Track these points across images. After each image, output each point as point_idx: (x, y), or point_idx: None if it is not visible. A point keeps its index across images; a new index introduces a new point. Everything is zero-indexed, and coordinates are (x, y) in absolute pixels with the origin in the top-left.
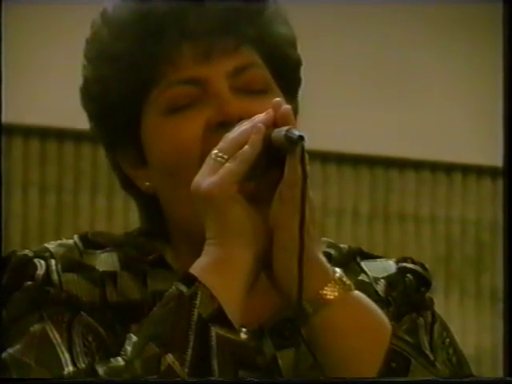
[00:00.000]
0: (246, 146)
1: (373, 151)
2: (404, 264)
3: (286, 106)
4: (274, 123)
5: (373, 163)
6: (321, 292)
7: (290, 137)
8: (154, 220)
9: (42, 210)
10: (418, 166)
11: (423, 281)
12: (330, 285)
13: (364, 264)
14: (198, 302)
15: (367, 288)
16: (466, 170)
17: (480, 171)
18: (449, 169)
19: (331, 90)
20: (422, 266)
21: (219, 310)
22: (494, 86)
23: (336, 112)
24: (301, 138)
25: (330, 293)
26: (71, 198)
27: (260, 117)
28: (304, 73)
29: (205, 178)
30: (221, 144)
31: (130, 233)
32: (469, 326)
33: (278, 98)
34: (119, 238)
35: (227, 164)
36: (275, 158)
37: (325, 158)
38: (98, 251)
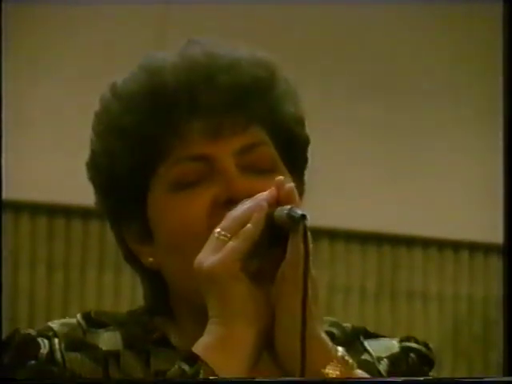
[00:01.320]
0: (249, 225)
1: (380, 229)
2: (407, 343)
3: (289, 185)
4: (277, 201)
5: (380, 240)
6: (323, 371)
7: (293, 215)
8: (158, 296)
9: (49, 286)
10: (425, 243)
11: (426, 360)
12: (332, 363)
13: (367, 343)
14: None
15: (370, 367)
16: (472, 247)
17: (487, 249)
18: (456, 246)
19: (339, 168)
20: (426, 345)
21: None
22: (499, 164)
23: (344, 190)
24: (303, 216)
25: (332, 372)
26: (78, 275)
27: (263, 195)
28: (313, 150)
29: (208, 256)
30: (223, 222)
31: (134, 311)
32: None
33: (280, 177)
34: (122, 317)
35: (230, 242)
36: (278, 236)
37: (333, 235)
38: (101, 330)
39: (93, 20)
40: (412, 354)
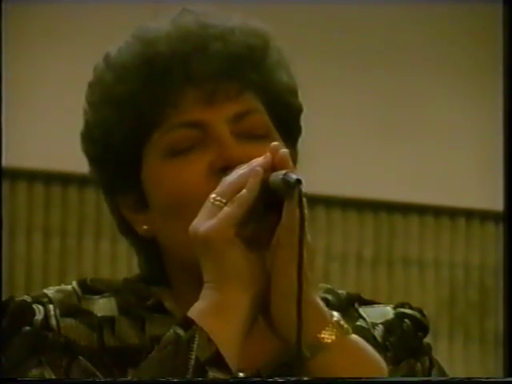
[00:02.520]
0: (244, 190)
1: (377, 196)
2: (402, 309)
3: (284, 150)
4: (272, 167)
5: (377, 208)
6: (318, 336)
7: (288, 180)
8: (153, 264)
9: (45, 253)
10: (421, 210)
11: (421, 326)
12: (327, 328)
13: (362, 310)
14: (195, 345)
15: (365, 333)
16: (469, 214)
17: (484, 216)
18: (452, 213)
19: (335, 135)
20: (420, 311)
21: (217, 354)
22: (497, 130)
23: (340, 157)
24: (298, 181)
25: (327, 336)
26: (75, 242)
27: (258, 160)
28: (308, 119)
29: (203, 222)
30: (218, 188)
31: (129, 279)
32: (473, 370)
33: (275, 142)
34: (117, 284)
35: (225, 208)
36: (273, 201)
37: (329, 202)
38: (97, 297)
39: (92, 19)
40: (406, 320)
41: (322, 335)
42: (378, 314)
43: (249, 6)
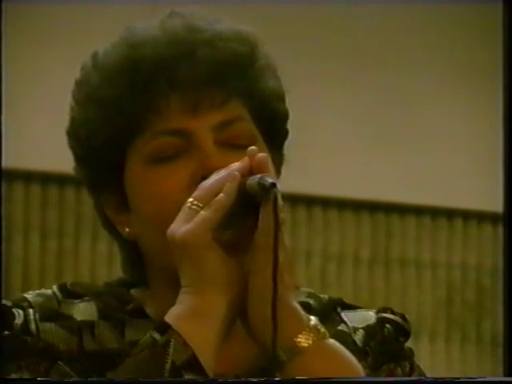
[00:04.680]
0: (221, 194)
1: (374, 197)
2: (383, 314)
3: (261, 154)
4: (250, 171)
5: (374, 208)
6: (295, 339)
7: (263, 184)
8: (135, 267)
9: (42, 254)
10: (418, 211)
11: (402, 331)
12: (304, 332)
13: (344, 314)
14: (171, 349)
15: (346, 338)
16: (466, 215)
17: (481, 217)
18: (449, 214)
19: (332, 135)
20: (403, 316)
21: (193, 358)
22: (495, 131)
23: (337, 158)
24: (273, 185)
25: (304, 340)
26: (72, 243)
27: (235, 165)
28: (307, 119)
29: (180, 226)
30: (196, 192)
31: (110, 283)
32: (470, 371)
33: (253, 147)
34: (98, 288)
35: (202, 212)
36: (251, 205)
37: (326, 203)
38: (77, 301)
39: (92, 19)
40: (388, 325)
41: (299, 339)
42: (360, 318)
43: (248, 6)
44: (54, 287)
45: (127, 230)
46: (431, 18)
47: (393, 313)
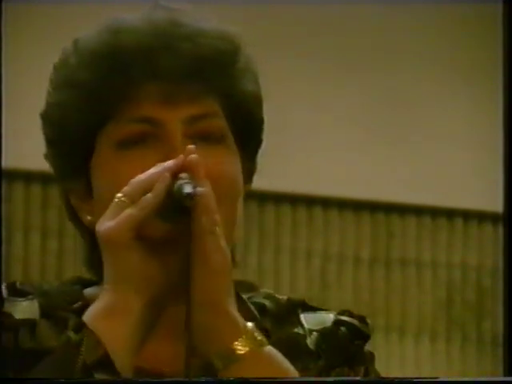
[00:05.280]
0: (149, 194)
1: (374, 197)
2: (340, 317)
3: (194, 156)
4: (181, 170)
5: (374, 208)
6: (231, 346)
7: (181, 193)
8: (92, 260)
9: (43, 254)
10: (418, 211)
11: (359, 334)
12: (241, 340)
13: (304, 316)
14: (83, 348)
15: (299, 341)
16: (466, 215)
17: (481, 217)
18: (450, 214)
19: (332, 135)
20: (362, 319)
21: (105, 357)
22: (495, 130)
23: (337, 157)
24: (189, 195)
25: (241, 348)
26: (72, 243)
27: (169, 163)
28: (307, 119)
29: (105, 221)
30: (126, 187)
31: (66, 281)
32: (470, 371)
33: (191, 146)
34: (48, 287)
35: (127, 209)
36: (183, 206)
37: (326, 203)
38: (21, 299)
39: (92, 19)
40: (343, 328)
41: (235, 346)
42: (318, 320)
43: (248, 5)
44: (3, 285)
45: (89, 218)
46: (431, 17)
47: (351, 315)
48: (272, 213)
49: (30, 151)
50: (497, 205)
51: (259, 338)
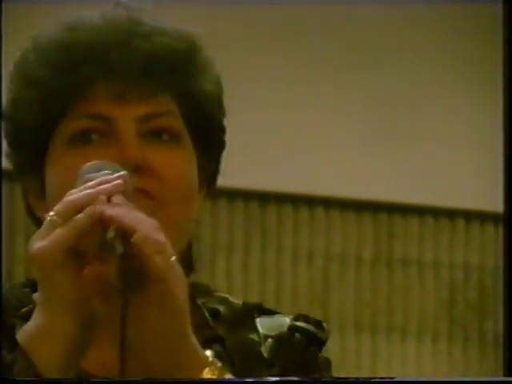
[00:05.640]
0: (81, 214)
1: (376, 197)
2: (295, 322)
3: (118, 182)
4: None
5: (376, 209)
6: (197, 380)
7: (115, 250)
8: None
9: None
10: (420, 211)
11: (314, 340)
12: (208, 370)
13: (259, 320)
14: (16, 368)
15: (253, 348)
16: (468, 215)
17: (483, 217)
18: (452, 214)
19: (334, 136)
20: (318, 324)
21: (37, 377)
22: (496, 131)
23: (339, 158)
24: (123, 255)
25: (210, 377)
26: None
27: (106, 187)
28: (309, 119)
29: (36, 241)
30: (57, 206)
31: (18, 283)
32: (472, 372)
33: (123, 172)
34: (3, 291)
35: (58, 230)
36: None
37: (328, 203)
38: None
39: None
40: (297, 334)
41: (204, 376)
42: (275, 325)
43: (248, 5)
44: None
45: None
46: (431, 17)
47: (307, 320)
48: (274, 213)
49: None
50: (498, 205)
51: (218, 365)
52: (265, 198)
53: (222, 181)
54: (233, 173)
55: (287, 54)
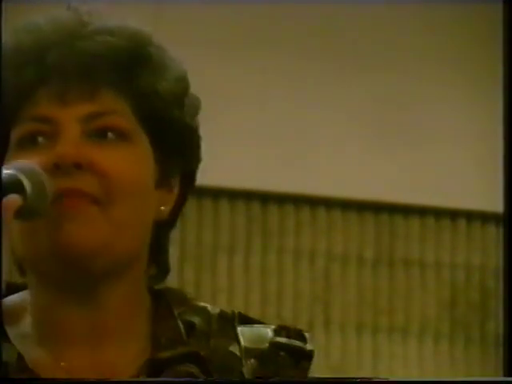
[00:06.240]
0: None
1: (377, 197)
2: (277, 339)
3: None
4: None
5: (377, 209)
6: None
7: None
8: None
9: None
10: (422, 212)
11: (302, 355)
12: None
13: (240, 330)
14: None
15: (234, 365)
16: (470, 216)
17: (484, 217)
18: (453, 215)
19: (336, 136)
20: (299, 335)
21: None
22: (498, 131)
23: (341, 158)
24: None
25: None
26: None
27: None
28: (310, 120)
29: None
30: None
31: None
32: (473, 372)
33: (14, 196)
34: None
35: None
36: None
37: (329, 203)
38: None
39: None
40: (282, 353)
41: None
42: (256, 337)
43: (248, 5)
44: None
45: None
46: (432, 17)
47: (288, 334)
48: (275, 213)
49: None
50: (500, 205)
51: None
52: (266, 199)
53: (223, 181)
54: (234, 173)
55: (288, 54)
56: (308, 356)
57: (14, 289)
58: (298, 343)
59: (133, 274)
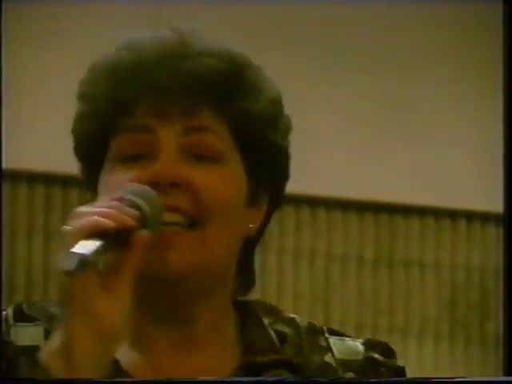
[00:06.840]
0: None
1: (377, 197)
2: (371, 354)
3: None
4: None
5: (377, 209)
6: None
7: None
8: None
9: (46, 255)
10: (422, 212)
11: (397, 372)
12: None
13: (332, 342)
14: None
15: (330, 376)
16: (470, 216)
17: (484, 217)
18: (453, 215)
19: (336, 136)
20: (389, 350)
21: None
22: (498, 131)
23: (341, 159)
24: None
25: None
26: None
27: (110, 211)
28: (310, 120)
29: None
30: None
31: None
32: (473, 372)
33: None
34: (52, 310)
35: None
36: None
37: (329, 204)
38: (27, 324)
39: (93, 19)
40: (383, 369)
41: None
42: (347, 349)
43: (248, 5)
44: (9, 309)
45: None
46: (432, 17)
47: (381, 350)
48: (275, 214)
49: (33, 152)
50: (500, 205)
51: None
52: None
53: None
54: None
55: (287, 54)
56: (402, 373)
57: None
58: (394, 361)
59: (223, 289)
